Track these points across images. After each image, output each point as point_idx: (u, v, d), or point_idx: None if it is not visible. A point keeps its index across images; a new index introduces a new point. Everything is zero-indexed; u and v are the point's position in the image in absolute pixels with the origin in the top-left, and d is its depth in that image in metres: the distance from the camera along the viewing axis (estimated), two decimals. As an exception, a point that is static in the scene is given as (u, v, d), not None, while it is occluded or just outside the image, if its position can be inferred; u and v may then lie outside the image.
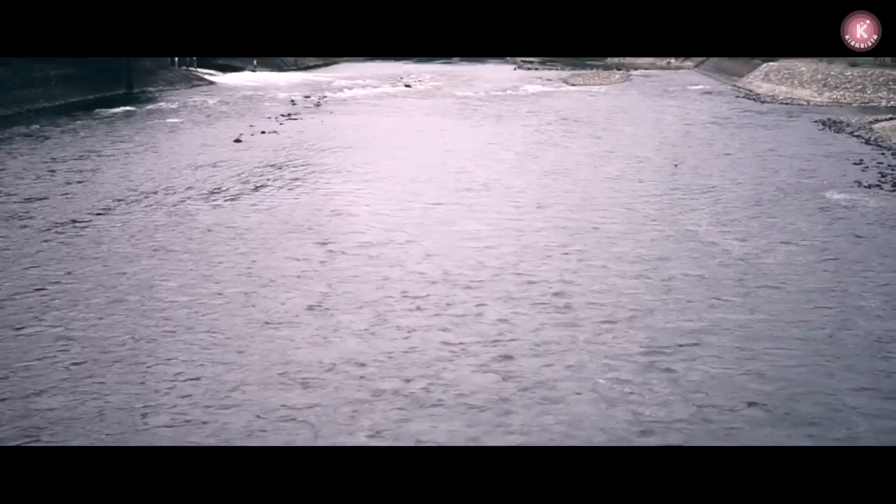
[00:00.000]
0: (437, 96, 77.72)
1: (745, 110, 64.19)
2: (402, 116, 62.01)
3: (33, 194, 33.03)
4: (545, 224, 29.04)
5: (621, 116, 60.49)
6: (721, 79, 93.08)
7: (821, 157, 42.84)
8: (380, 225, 28.76)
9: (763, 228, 28.46)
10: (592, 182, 36.38)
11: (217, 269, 23.63)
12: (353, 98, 76.20)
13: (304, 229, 28.23)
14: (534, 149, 45.58)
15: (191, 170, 38.92)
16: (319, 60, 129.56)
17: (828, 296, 21.66)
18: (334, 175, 38.03)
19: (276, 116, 59.99)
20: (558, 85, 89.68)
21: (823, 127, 53.80)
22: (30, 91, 65.20)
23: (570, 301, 21.16)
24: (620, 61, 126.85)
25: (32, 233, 27.39)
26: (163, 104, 69.52)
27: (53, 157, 41.41)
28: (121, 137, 49.12)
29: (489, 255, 25.21)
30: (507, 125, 56.13)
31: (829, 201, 32.66)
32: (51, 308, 20.38)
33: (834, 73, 73.55)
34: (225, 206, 31.62)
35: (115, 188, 34.36)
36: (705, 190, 34.67)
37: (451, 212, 30.80)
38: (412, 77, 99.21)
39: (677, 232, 27.94)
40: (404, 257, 24.96)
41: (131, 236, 27.18)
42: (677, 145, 46.84)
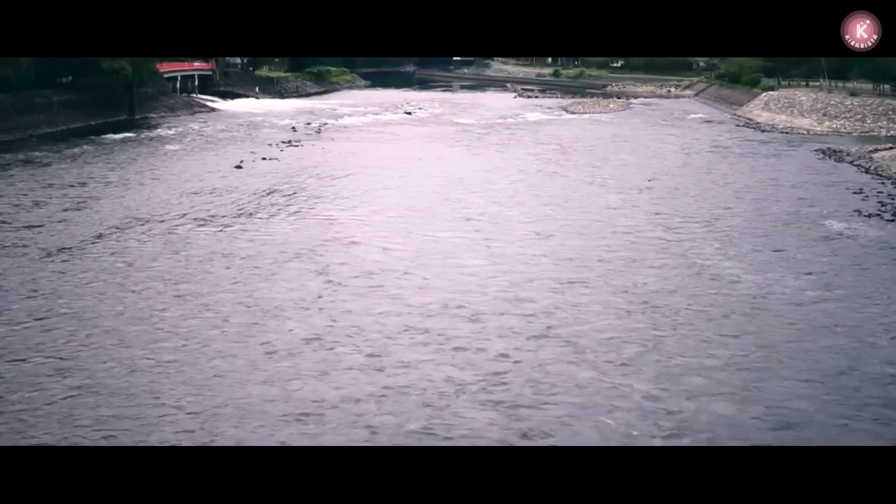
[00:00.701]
0: (437, 123, 77.85)
1: (745, 139, 64.27)
2: (403, 143, 62.07)
3: (32, 221, 32.97)
4: (546, 255, 28.88)
5: (621, 145, 60.50)
6: (721, 107, 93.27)
7: (821, 186, 42.85)
8: (379, 255, 28.63)
9: (768, 260, 28.34)
10: (593, 212, 36.25)
11: (215, 299, 23.53)
12: (353, 125, 76.33)
13: (303, 258, 28.16)
14: (533, 178, 45.59)
15: (191, 196, 38.89)
16: (320, 87, 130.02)
17: (838, 333, 21.31)
18: (334, 202, 38.01)
19: (277, 143, 60.07)
20: (558, 113, 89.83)
21: (823, 156, 53.86)
22: (32, 117, 65.36)
23: (573, 335, 20.89)
24: (621, 89, 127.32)
25: (28, 262, 27.25)
26: (164, 130, 69.62)
27: (52, 184, 41.39)
28: (121, 164, 49.12)
29: (490, 287, 25.00)
30: (506, 153, 56.13)
31: (830, 230, 32.63)
32: (48, 340, 20.22)
33: (834, 102, 73.73)
34: (224, 233, 31.56)
35: (113, 215, 34.29)
36: (708, 219, 34.64)
37: (451, 242, 30.67)
38: (413, 104, 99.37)
39: (682, 263, 27.78)
40: (404, 289, 24.78)
41: (129, 264, 27.08)
42: (677, 174, 46.80)
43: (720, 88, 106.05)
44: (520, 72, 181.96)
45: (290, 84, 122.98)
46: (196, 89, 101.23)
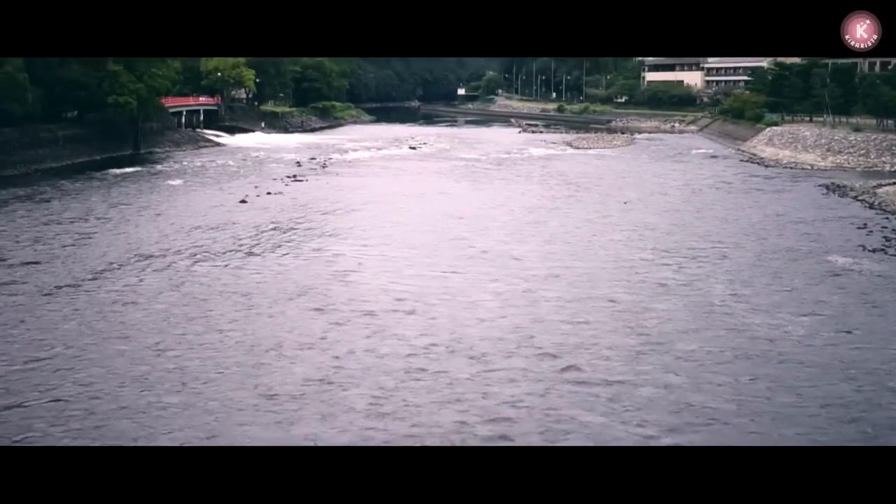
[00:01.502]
0: (441, 158, 78.04)
1: (749, 174, 64.32)
2: (407, 178, 62.20)
3: (33, 257, 32.83)
4: (553, 294, 28.42)
5: (626, 181, 60.52)
6: (725, 143, 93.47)
7: (826, 222, 42.79)
8: (383, 293, 28.30)
9: (779, 299, 27.96)
10: (599, 250, 35.92)
11: (217, 339, 23.25)
12: (358, 160, 76.56)
13: (306, 295, 27.88)
14: (537, 214, 45.44)
15: (194, 231, 38.83)
16: (325, 122, 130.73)
17: (855, 376, 20.93)
18: (338, 238, 37.92)
19: (281, 178, 60.22)
20: (563, 148, 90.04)
21: (827, 191, 53.85)
22: (37, 151, 65.61)
23: (583, 379, 20.47)
24: (625, 124, 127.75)
25: (27, 299, 27.04)
26: (169, 165, 69.88)
27: (55, 220, 41.39)
28: (125, 199, 49.19)
29: (496, 327, 24.61)
30: (511, 189, 56.17)
31: (837, 266, 32.43)
32: (47, 381, 19.95)
33: (837, 137, 73.84)
34: (227, 269, 31.40)
35: (115, 251, 34.18)
36: (715, 256, 34.42)
37: (456, 281, 30.27)
38: (417, 139, 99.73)
39: (692, 302, 27.38)
40: (409, 328, 24.38)
41: (130, 303, 26.78)
42: (683, 211, 46.72)
43: (724, 124, 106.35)
44: (524, 107, 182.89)
45: (294, 119, 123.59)
46: (201, 124, 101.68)
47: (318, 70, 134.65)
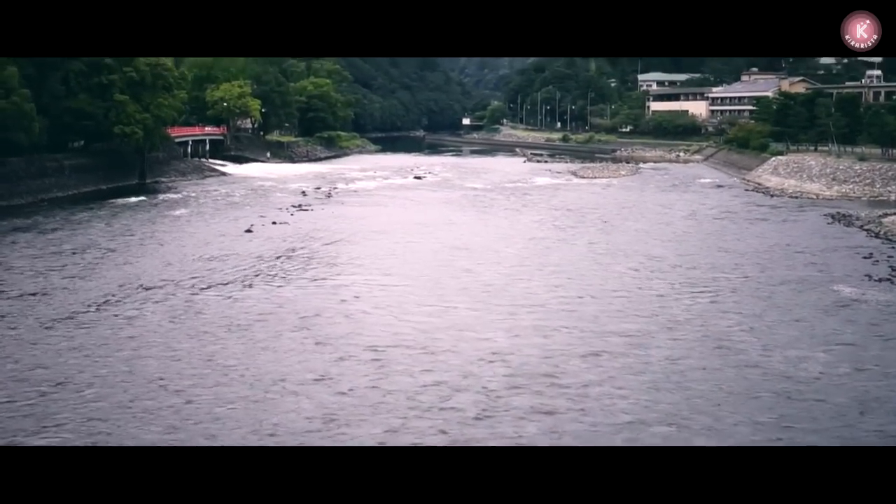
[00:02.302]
0: (447, 188, 78.18)
1: (755, 204, 64.26)
2: (412, 208, 62.26)
3: (39, 288, 32.82)
4: (561, 328, 27.99)
5: (631, 211, 60.45)
6: (730, 172, 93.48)
7: (831, 251, 42.68)
8: (387, 327, 27.92)
9: (792, 332, 27.61)
10: (607, 283, 35.46)
11: (220, 372, 23.05)
12: (363, 189, 76.70)
13: (310, 329, 27.61)
14: (543, 245, 45.24)
15: (199, 261, 38.84)
16: (330, 151, 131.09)
17: (873, 411, 20.63)
18: (342, 269, 37.81)
19: (287, 207, 60.34)
20: (568, 178, 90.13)
21: (833, 221, 53.76)
22: (44, 181, 65.81)
23: (596, 418, 19.97)
24: (630, 154, 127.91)
25: (27, 331, 26.87)
26: (175, 195, 70.05)
27: (61, 250, 41.38)
28: (130, 229, 49.27)
29: (503, 363, 24.09)
30: (516, 218, 56.16)
31: (845, 297, 32.26)
32: (49, 415, 19.79)
33: (843, 167, 73.83)
34: (230, 300, 31.30)
35: (120, 282, 34.13)
36: (723, 288, 34.14)
37: (462, 315, 29.78)
38: (422, 168, 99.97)
39: (705, 337, 26.97)
40: (413, 364, 23.92)
41: (132, 337, 26.54)
42: (686, 241, 46.60)
43: (729, 153, 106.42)
44: (529, 136, 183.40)
45: (300, 148, 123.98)
46: (207, 154, 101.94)
47: (323, 100, 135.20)
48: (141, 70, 74.69)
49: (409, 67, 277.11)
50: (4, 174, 61.65)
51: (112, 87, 72.69)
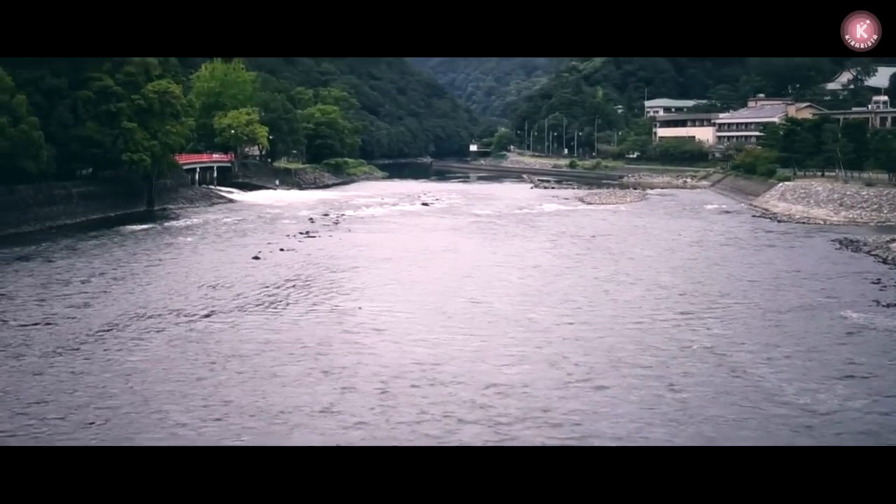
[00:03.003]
0: (454, 214, 78.25)
1: (762, 230, 64.19)
2: (420, 235, 62.28)
3: (45, 316, 32.78)
4: (572, 359, 27.50)
5: (638, 237, 60.39)
6: (737, 198, 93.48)
7: (840, 277, 42.53)
8: (393, 358, 27.49)
9: (806, 362, 27.24)
10: (615, 310, 35.09)
11: (224, 403, 22.84)
12: (371, 216, 76.81)
13: (315, 358, 27.38)
14: (551, 272, 44.94)
15: (206, 289, 38.81)
16: (338, 178, 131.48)
17: None
18: (349, 297, 37.65)
19: (294, 234, 60.44)
20: (575, 204, 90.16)
21: (841, 246, 53.63)
22: (52, 208, 66.06)
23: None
24: (637, 180, 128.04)
25: (29, 362, 26.69)
26: (183, 222, 70.29)
27: (67, 278, 41.41)
28: (138, 256, 49.36)
29: (513, 395, 23.61)
30: (523, 245, 56.10)
31: (855, 323, 32.05)
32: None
33: (850, 192, 73.79)
34: (236, 328, 31.23)
35: (126, 310, 34.06)
36: (734, 316, 33.80)
37: (468, 345, 29.30)
38: (430, 195, 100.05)
39: (719, 367, 26.53)
40: (422, 397, 23.46)
41: (136, 368, 26.32)
42: (695, 268, 46.42)
43: (736, 179, 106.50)
44: (536, 163, 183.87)
45: (308, 175, 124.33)
46: (215, 181, 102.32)
47: (330, 127, 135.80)
48: (149, 97, 75.08)
49: (417, 94, 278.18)
50: (13, 202, 61.89)
51: (120, 115, 73.06)
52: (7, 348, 28.27)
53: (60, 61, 68.50)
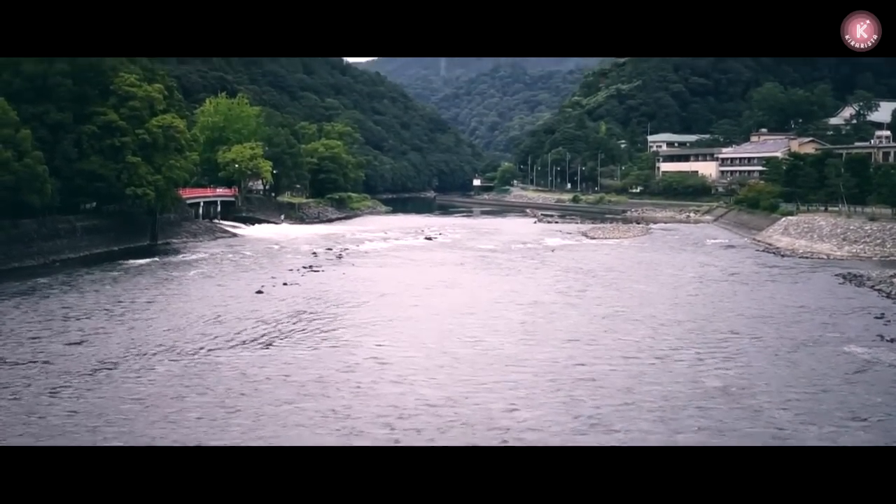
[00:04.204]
0: (457, 248, 78.27)
1: (766, 265, 64.07)
2: (423, 269, 62.23)
3: (46, 350, 32.65)
4: (583, 402, 26.85)
5: (642, 272, 60.24)
6: (740, 232, 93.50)
7: (844, 313, 42.34)
8: (396, 399, 26.92)
9: (821, 404, 26.76)
10: (623, 348, 34.46)
11: (222, 444, 22.14)
12: (374, 250, 76.81)
13: (316, 397, 27.07)
14: (555, 309, 44.48)
15: (209, 323, 38.70)
16: (342, 213, 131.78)
17: None
18: (350, 332, 37.47)
19: (298, 268, 60.41)
20: (578, 238, 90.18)
21: (844, 281, 53.49)
22: (56, 242, 66.19)
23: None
24: (640, 214, 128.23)
25: (32, 397, 26.50)
26: (186, 256, 70.35)
27: (66, 314, 41.27)
28: (140, 290, 49.30)
29: (524, 442, 22.27)
30: (527, 280, 56.00)
31: (863, 359, 31.91)
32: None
33: (853, 227, 73.75)
34: (236, 365, 30.98)
35: (129, 344, 33.96)
36: (744, 354, 33.36)
37: (472, 387, 28.41)
38: (433, 229, 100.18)
39: (734, 409, 26.01)
40: (425, 443, 22.16)
41: (139, 402, 26.19)
42: (701, 303, 46.19)
43: (739, 213, 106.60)
44: (539, 197, 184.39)
45: (311, 209, 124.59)
46: (219, 215, 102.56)
47: (334, 161, 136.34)
48: (153, 132, 75.47)
49: (420, 129, 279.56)
50: (17, 236, 62.02)
51: (124, 149, 73.39)
52: (7, 388, 27.77)
53: (65, 96, 68.95)
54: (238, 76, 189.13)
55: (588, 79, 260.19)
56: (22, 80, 67.44)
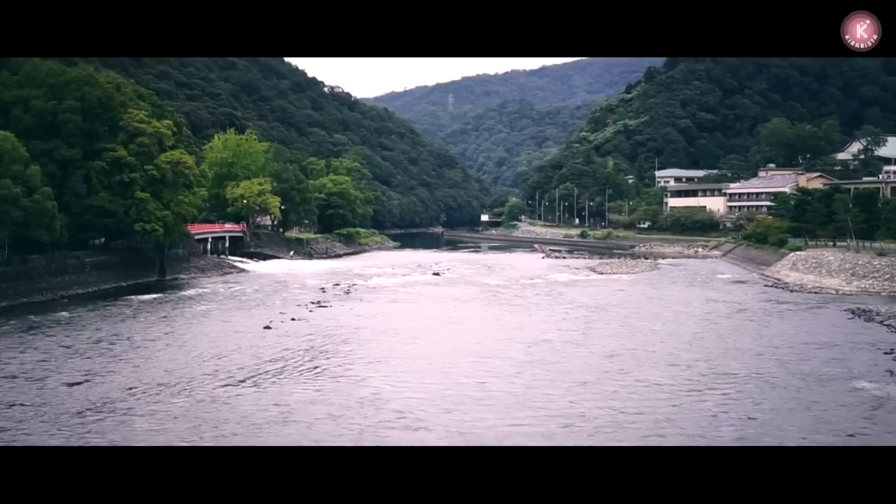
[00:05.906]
0: (465, 284, 78.17)
1: (775, 300, 63.82)
2: (430, 305, 62.12)
3: (51, 386, 32.56)
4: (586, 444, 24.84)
5: (651, 308, 60.04)
6: (749, 267, 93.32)
7: (853, 348, 42.13)
8: (404, 432, 26.49)
9: (832, 437, 25.80)
10: (638, 393, 33.35)
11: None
12: (382, 286, 76.75)
13: (321, 438, 25.60)
14: (564, 348, 43.79)
15: (217, 359, 38.60)
16: (350, 248, 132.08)
17: None
18: (356, 370, 37.27)
19: (306, 304, 60.43)
20: (586, 273, 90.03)
21: (853, 316, 53.32)
22: (64, 278, 66.34)
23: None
24: (648, 250, 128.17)
25: (35, 425, 25.83)
26: (194, 291, 70.41)
27: (73, 350, 41.25)
28: (148, 326, 49.32)
29: None
30: (534, 317, 55.80)
31: (874, 395, 31.71)
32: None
33: (862, 262, 73.56)
34: (240, 402, 30.84)
35: (135, 380, 33.87)
36: (757, 394, 32.81)
37: (479, 432, 26.79)
38: (441, 265, 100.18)
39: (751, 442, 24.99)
40: None
41: (144, 431, 25.62)
42: (711, 341, 45.79)
43: (747, 248, 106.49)
44: (547, 232, 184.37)
45: (319, 245, 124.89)
46: (227, 250, 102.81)
47: (342, 197, 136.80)
48: (162, 168, 75.89)
49: (428, 164, 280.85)
50: (26, 271, 62.22)
51: (133, 185, 73.78)
52: (6, 432, 26.60)
53: (74, 132, 69.39)
54: (247, 112, 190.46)
55: (595, 114, 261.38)
56: (31, 116, 67.97)
